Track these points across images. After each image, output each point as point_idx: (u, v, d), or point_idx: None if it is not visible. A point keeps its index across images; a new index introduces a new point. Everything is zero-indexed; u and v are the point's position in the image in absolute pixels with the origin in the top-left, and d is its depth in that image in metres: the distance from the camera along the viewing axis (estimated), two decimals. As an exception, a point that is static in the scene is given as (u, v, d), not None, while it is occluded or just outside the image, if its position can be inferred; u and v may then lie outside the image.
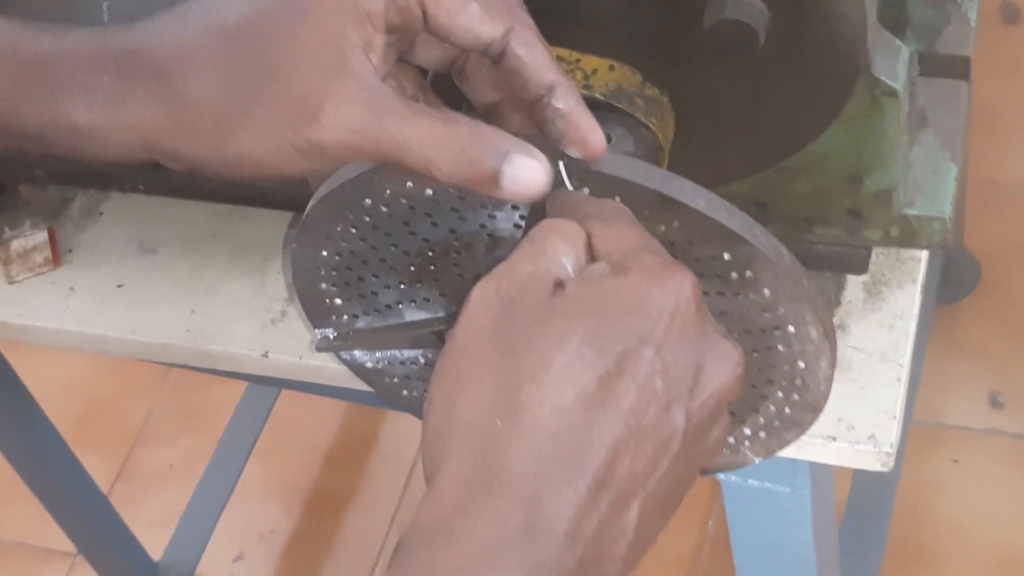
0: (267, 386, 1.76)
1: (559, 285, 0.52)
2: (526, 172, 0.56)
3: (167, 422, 1.92)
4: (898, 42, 0.70)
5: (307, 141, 0.55)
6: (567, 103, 0.57)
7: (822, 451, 0.85)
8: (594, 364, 0.50)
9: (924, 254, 0.90)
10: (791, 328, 0.61)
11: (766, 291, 0.60)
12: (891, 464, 0.86)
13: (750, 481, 0.96)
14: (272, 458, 1.82)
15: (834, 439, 0.85)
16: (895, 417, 0.86)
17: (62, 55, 0.57)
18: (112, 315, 0.99)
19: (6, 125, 0.59)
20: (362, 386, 0.92)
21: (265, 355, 0.96)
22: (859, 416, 0.85)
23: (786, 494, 0.96)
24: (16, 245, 1.04)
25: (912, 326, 0.89)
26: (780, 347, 0.62)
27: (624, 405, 0.50)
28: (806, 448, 0.85)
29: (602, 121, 0.67)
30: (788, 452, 0.76)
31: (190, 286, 1.00)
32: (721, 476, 0.98)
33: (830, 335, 0.62)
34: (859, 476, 1.53)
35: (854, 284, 0.88)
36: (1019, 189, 1.86)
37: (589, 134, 0.57)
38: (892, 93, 0.69)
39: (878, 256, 0.87)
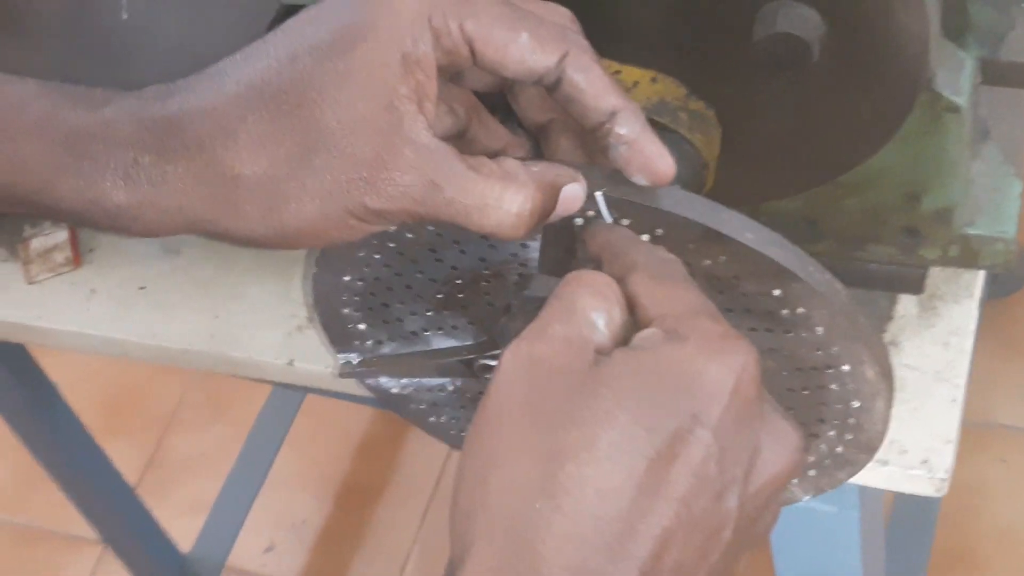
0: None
1: (602, 351, 0.48)
2: (567, 203, 0.53)
3: (198, 410, 1.89)
4: (962, 54, 0.65)
5: (364, 209, 0.52)
6: (632, 128, 0.52)
7: (872, 475, 0.81)
8: (644, 444, 0.45)
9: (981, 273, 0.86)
10: (845, 367, 0.57)
11: (819, 329, 0.56)
12: (945, 490, 0.82)
13: (794, 499, 0.92)
14: (304, 448, 1.79)
15: (886, 463, 0.81)
16: (950, 441, 0.82)
17: (100, 130, 0.53)
18: (133, 319, 0.96)
19: (40, 201, 0.55)
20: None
21: (291, 363, 0.92)
22: (912, 439, 0.81)
23: (833, 514, 0.92)
24: (36, 244, 1.01)
25: (969, 344, 0.85)
26: (833, 386, 0.58)
27: (676, 492, 0.45)
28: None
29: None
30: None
31: (214, 290, 0.97)
32: (764, 494, 0.94)
33: (887, 375, 0.58)
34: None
35: (907, 298, 0.84)
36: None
37: (656, 160, 0.52)
38: (955, 109, 0.64)
39: (932, 269, 0.82)
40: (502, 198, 0.51)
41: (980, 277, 0.86)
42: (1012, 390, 1.66)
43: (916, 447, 0.81)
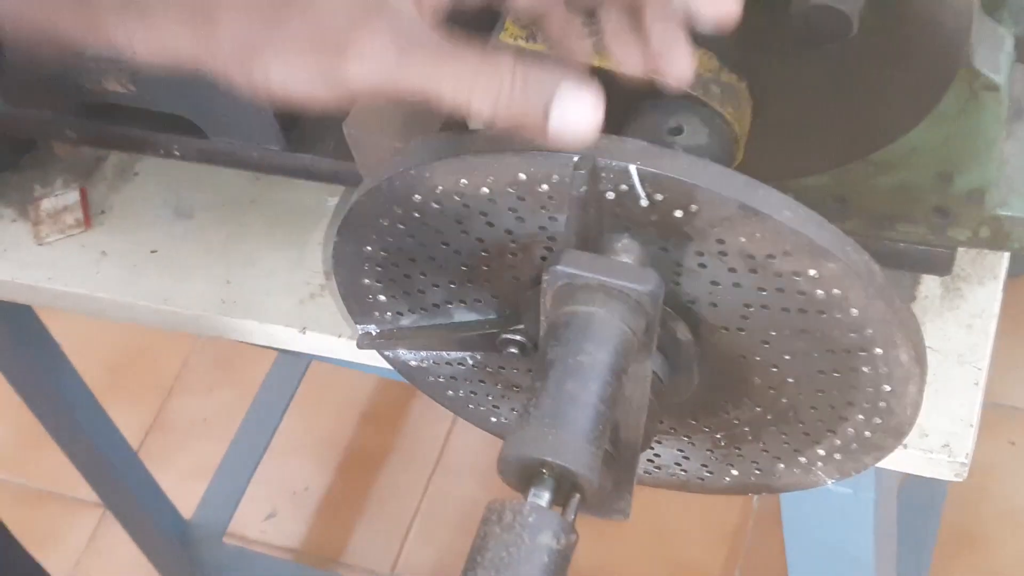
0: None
1: None
2: (575, 112, 0.50)
3: (203, 373, 1.88)
4: (1001, 30, 0.64)
5: (334, 74, 0.51)
6: None
7: (892, 459, 0.80)
8: None
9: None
10: (878, 350, 0.56)
11: (854, 311, 0.54)
12: (965, 475, 0.81)
13: (809, 480, 0.91)
14: (308, 415, 1.78)
15: (906, 446, 0.79)
16: (971, 425, 0.80)
17: None
18: (144, 283, 0.95)
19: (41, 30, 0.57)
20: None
21: (303, 331, 0.91)
22: (933, 423, 0.80)
23: (848, 496, 0.91)
24: (47, 204, 0.99)
25: (992, 326, 0.83)
26: (865, 369, 0.57)
27: None
28: (874, 454, 0.80)
29: (673, 110, 0.62)
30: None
31: (226, 255, 0.95)
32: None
33: (921, 360, 0.56)
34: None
35: (930, 279, 0.82)
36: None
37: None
38: (993, 87, 0.63)
39: (958, 251, 0.81)
40: (482, 70, 0.50)
41: (1004, 259, 0.85)
42: (1022, 372, 1.65)
43: (937, 431, 0.80)
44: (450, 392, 0.69)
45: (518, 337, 0.60)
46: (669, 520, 1.62)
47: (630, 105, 0.61)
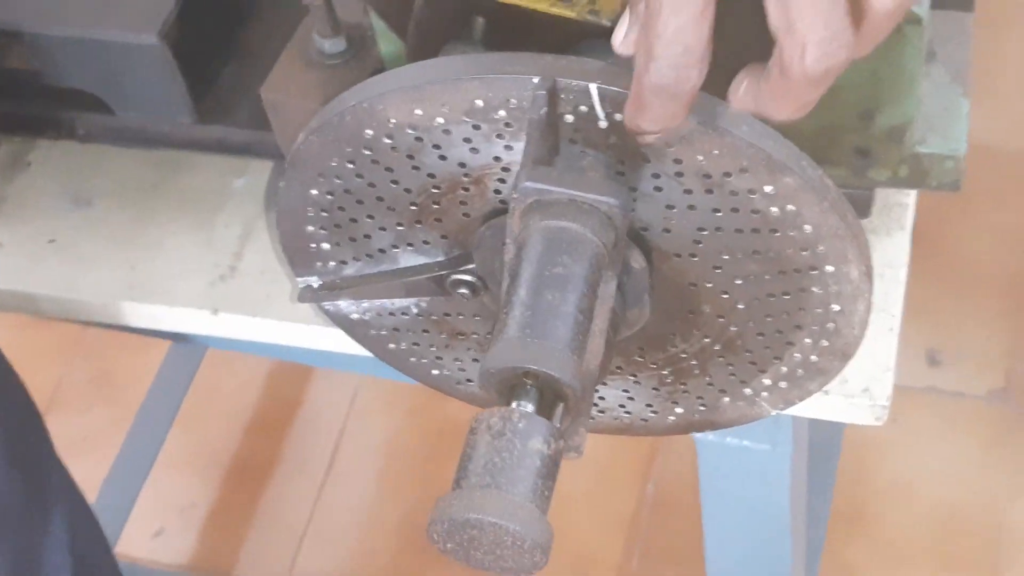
0: (190, 351, 1.69)
1: None
2: None
3: (79, 391, 1.83)
4: (920, -34, 0.65)
5: None
6: None
7: (814, 406, 0.82)
8: None
9: (912, 201, 0.87)
10: (829, 268, 0.57)
11: (807, 227, 0.55)
12: (884, 418, 0.83)
13: (728, 439, 0.92)
14: (192, 429, 1.75)
15: (827, 393, 0.81)
16: (889, 369, 0.82)
17: None
18: (44, 272, 0.92)
19: None
20: (313, 345, 0.87)
21: (215, 312, 0.89)
22: (852, 369, 0.81)
23: (766, 452, 0.92)
24: (-64, 198, 0.96)
25: (903, 274, 0.86)
26: (815, 289, 0.58)
27: None
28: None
29: (608, 52, 0.63)
30: (775, 409, 0.73)
31: (130, 241, 0.93)
32: (696, 435, 0.94)
33: (870, 275, 0.58)
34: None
35: (842, 231, 0.84)
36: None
37: None
38: (916, 20, 0.64)
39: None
40: None
41: (910, 210, 0.87)
42: (901, 351, 1.68)
43: (856, 376, 0.82)
44: (392, 345, 0.68)
45: (468, 277, 0.60)
46: (565, 513, 1.63)
47: (566, 48, 0.62)
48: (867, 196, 0.76)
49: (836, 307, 0.59)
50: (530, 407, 0.49)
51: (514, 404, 0.49)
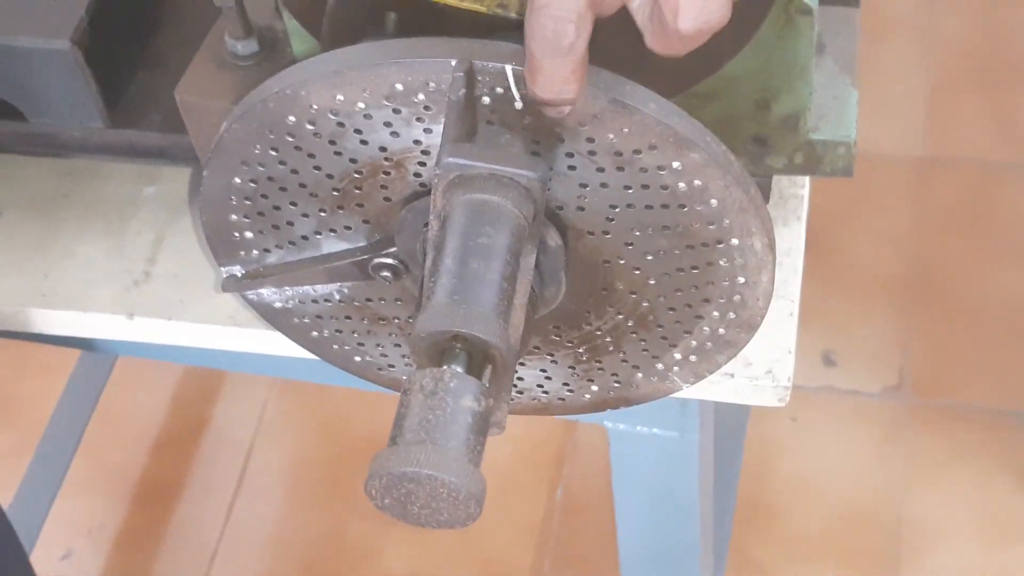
0: (94, 372, 1.68)
1: None
2: None
3: (-20, 418, 1.81)
4: (809, -40, 0.69)
5: None
6: None
7: (720, 389, 0.85)
8: None
9: (806, 192, 0.91)
10: (735, 241, 0.60)
11: (713, 201, 0.58)
12: (787, 399, 0.86)
13: (638, 428, 0.95)
14: (97, 450, 1.74)
15: (732, 376, 0.84)
16: (790, 352, 0.86)
17: None
18: (-45, 283, 0.92)
19: None
20: (228, 347, 0.88)
21: (130, 317, 0.90)
22: (755, 352, 0.85)
23: (674, 439, 0.95)
24: None
25: (800, 262, 0.89)
26: (722, 262, 0.61)
27: None
28: (704, 387, 0.84)
29: (519, 42, 0.65)
30: (684, 391, 0.75)
31: (42, 249, 0.93)
32: (608, 424, 0.97)
33: (773, 247, 0.61)
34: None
35: (741, 222, 0.88)
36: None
37: None
38: (807, 11, 0.68)
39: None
40: None
41: (805, 201, 0.91)
42: (798, 353, 1.73)
43: (760, 359, 0.85)
44: (315, 333, 0.70)
45: (390, 260, 0.62)
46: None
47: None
48: (765, 184, 0.79)
49: (742, 279, 0.62)
50: (459, 369, 0.51)
51: (445, 367, 0.52)
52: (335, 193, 0.61)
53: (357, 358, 0.71)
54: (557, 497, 1.67)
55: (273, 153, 0.60)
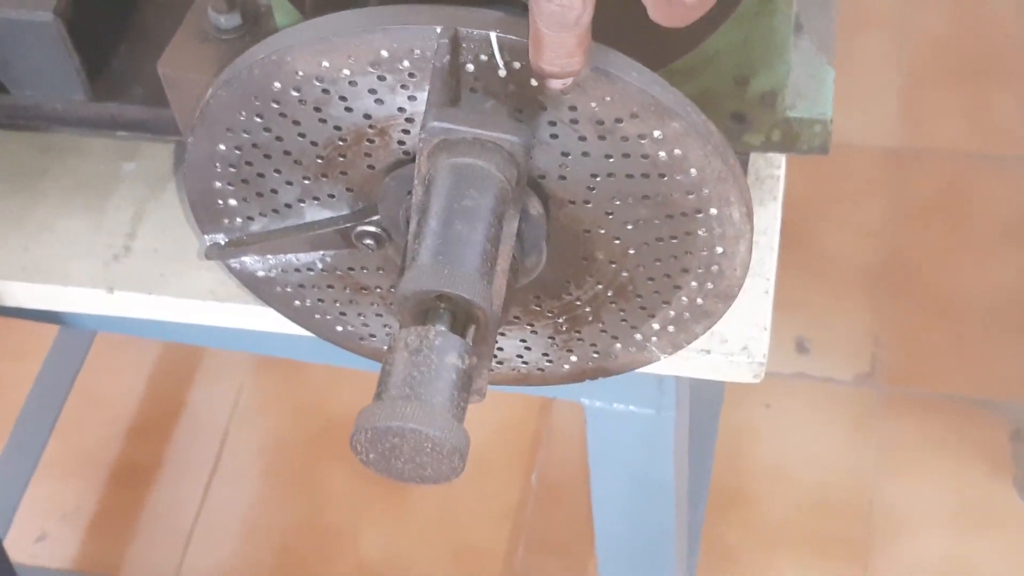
0: (70, 354, 1.68)
1: None
2: None
3: (-47, 401, 1.81)
4: (788, -63, 0.70)
5: None
6: None
7: (696, 364, 0.86)
8: None
9: (782, 171, 0.92)
10: (713, 210, 0.61)
11: (693, 171, 0.59)
12: (762, 375, 0.87)
13: (615, 405, 0.96)
14: (73, 432, 1.74)
15: (708, 352, 0.85)
16: (765, 328, 0.86)
17: None
18: (-68, 257, 0.92)
19: None
20: (208, 321, 0.89)
21: (110, 291, 0.90)
22: (731, 329, 0.86)
23: (651, 416, 0.96)
24: None
25: (775, 241, 0.90)
26: (701, 231, 0.62)
27: None
28: (680, 363, 0.85)
29: (503, 11, 0.66)
30: (661, 368, 0.76)
31: (21, 224, 0.93)
32: (585, 401, 0.97)
33: (751, 216, 0.62)
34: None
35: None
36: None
37: None
38: (786, -12, 0.69)
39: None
40: None
41: (781, 181, 0.92)
42: (771, 340, 1.75)
43: (736, 336, 0.86)
44: (297, 302, 0.70)
45: (373, 228, 0.63)
46: (450, 504, 1.65)
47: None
48: (742, 163, 0.80)
49: (720, 249, 0.63)
50: (444, 329, 0.52)
51: (429, 326, 0.52)
52: (319, 160, 0.62)
53: (339, 328, 0.71)
54: (532, 482, 1.67)
55: (258, 120, 0.60)
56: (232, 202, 0.65)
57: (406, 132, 0.59)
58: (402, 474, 0.51)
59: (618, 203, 0.61)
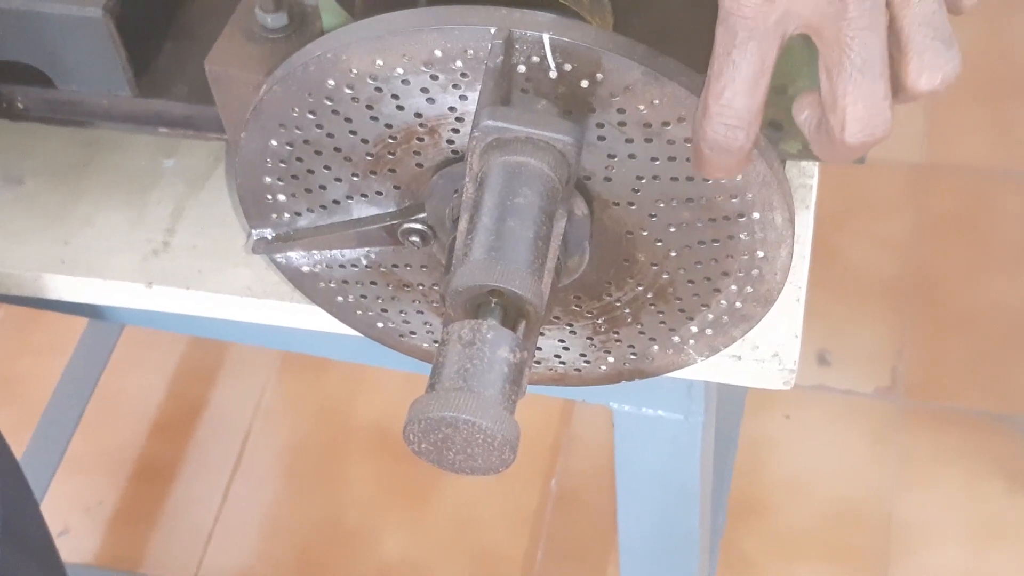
0: (96, 351, 1.69)
1: None
2: None
3: (-19, 394, 1.82)
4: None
5: None
6: None
7: (727, 371, 0.86)
8: None
9: (815, 181, 0.93)
10: (756, 215, 0.62)
11: (738, 175, 0.60)
12: (792, 382, 0.88)
13: (644, 409, 0.97)
14: (97, 429, 1.75)
15: (739, 358, 0.86)
16: (796, 336, 0.87)
17: None
18: (-26, 248, 0.93)
19: None
20: (244, 318, 0.90)
21: (149, 286, 0.92)
22: (762, 336, 0.87)
23: (679, 421, 0.97)
24: None
25: (807, 250, 0.91)
26: (743, 235, 0.63)
27: None
28: (710, 368, 0.86)
29: (554, 12, 0.67)
30: (691, 373, 0.77)
31: (62, 217, 0.95)
32: (613, 405, 0.98)
33: (793, 221, 0.63)
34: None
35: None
36: (845, 159, 1.94)
37: None
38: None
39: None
40: None
41: (814, 191, 0.93)
42: (792, 351, 1.76)
43: (767, 343, 0.86)
44: (339, 298, 0.71)
45: (420, 226, 0.64)
46: (470, 507, 1.66)
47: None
48: (779, 169, 0.81)
49: (761, 253, 0.63)
50: (495, 322, 0.53)
51: (481, 320, 0.53)
52: (368, 158, 0.63)
53: (380, 324, 0.73)
54: (551, 487, 1.68)
55: (311, 116, 0.61)
56: (281, 197, 0.66)
57: (456, 131, 0.60)
58: (453, 464, 0.52)
59: (662, 205, 0.62)
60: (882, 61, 0.53)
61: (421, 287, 0.69)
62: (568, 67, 0.57)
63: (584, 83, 0.57)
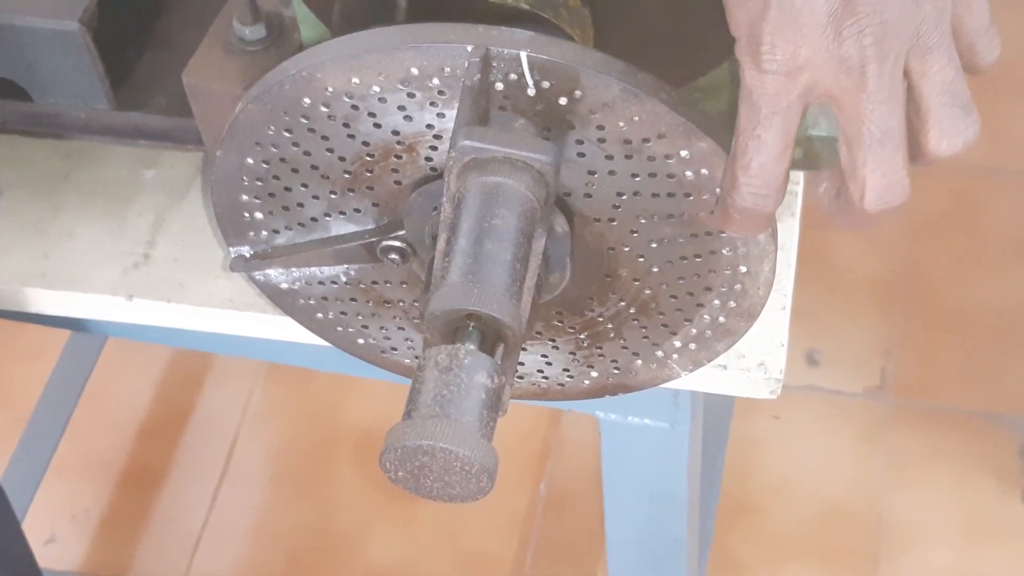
0: (81, 358, 1.68)
1: None
2: None
3: (-34, 401, 1.81)
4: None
5: None
6: None
7: (713, 380, 0.86)
8: None
9: (799, 188, 0.92)
10: (738, 230, 0.61)
11: (719, 190, 0.59)
12: (778, 391, 0.88)
13: (630, 418, 0.96)
14: (84, 435, 1.74)
15: (725, 368, 0.85)
16: (782, 345, 0.87)
17: None
18: (-45, 262, 0.92)
19: None
20: (226, 330, 0.89)
21: (130, 298, 0.91)
22: (748, 345, 0.86)
23: (665, 430, 0.96)
24: None
25: (793, 258, 0.90)
26: (725, 250, 0.62)
27: None
28: (697, 378, 0.85)
29: (531, 30, 0.66)
30: (677, 382, 0.76)
31: (42, 230, 0.94)
32: (600, 414, 0.98)
33: (775, 236, 0.62)
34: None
35: (733, 218, 0.89)
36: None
37: None
38: (811, 8, 0.69)
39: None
40: None
41: (799, 198, 0.93)
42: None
43: (753, 352, 0.86)
44: (319, 315, 0.70)
45: (398, 243, 0.63)
46: (459, 511, 1.66)
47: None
48: (764, 178, 0.80)
49: (743, 268, 0.63)
50: (472, 347, 0.52)
51: (458, 344, 0.53)
52: (346, 175, 0.62)
53: (360, 340, 0.72)
54: (540, 491, 1.68)
55: (287, 135, 0.61)
56: (258, 215, 0.65)
57: (434, 148, 0.60)
58: (431, 492, 0.51)
59: (643, 221, 0.61)
60: (900, 132, 0.54)
61: (402, 303, 0.69)
62: (546, 84, 0.56)
63: (563, 100, 0.57)
